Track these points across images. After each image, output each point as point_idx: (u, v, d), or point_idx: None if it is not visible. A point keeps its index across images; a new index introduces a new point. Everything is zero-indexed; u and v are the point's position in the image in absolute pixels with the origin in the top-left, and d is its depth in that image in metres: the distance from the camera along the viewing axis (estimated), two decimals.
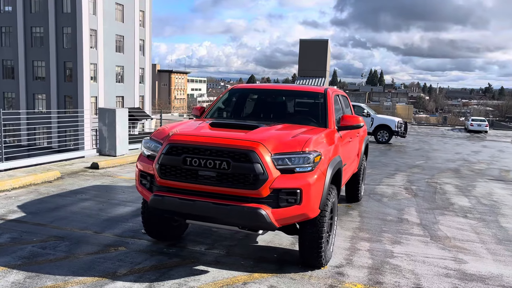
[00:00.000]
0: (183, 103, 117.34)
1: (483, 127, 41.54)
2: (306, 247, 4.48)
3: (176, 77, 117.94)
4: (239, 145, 4.09)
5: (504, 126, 62.88)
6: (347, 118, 5.50)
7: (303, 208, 4.11)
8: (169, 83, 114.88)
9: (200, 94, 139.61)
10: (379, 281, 4.42)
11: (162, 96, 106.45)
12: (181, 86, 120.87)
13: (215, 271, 4.47)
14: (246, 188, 4.03)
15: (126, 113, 11.66)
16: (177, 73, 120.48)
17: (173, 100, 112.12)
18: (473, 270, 4.86)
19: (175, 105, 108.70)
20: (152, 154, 4.57)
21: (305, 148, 4.23)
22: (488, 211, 7.80)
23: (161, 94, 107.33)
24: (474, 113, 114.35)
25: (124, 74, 45.27)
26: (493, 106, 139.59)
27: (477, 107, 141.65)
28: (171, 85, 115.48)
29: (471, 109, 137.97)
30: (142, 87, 48.32)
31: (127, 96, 45.53)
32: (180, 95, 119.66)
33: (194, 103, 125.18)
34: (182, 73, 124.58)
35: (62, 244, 5.03)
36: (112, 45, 43.16)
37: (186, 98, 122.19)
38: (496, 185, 10.81)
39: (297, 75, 45.87)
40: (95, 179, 8.59)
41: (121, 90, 44.91)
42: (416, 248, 5.53)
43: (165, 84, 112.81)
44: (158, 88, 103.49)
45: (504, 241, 6.02)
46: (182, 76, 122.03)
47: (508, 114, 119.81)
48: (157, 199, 4.29)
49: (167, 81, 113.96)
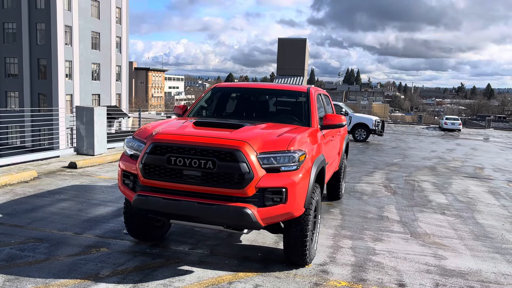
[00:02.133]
0: (161, 101, 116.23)
1: (456, 126, 42.53)
2: (290, 246, 4.49)
3: (153, 75, 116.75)
4: (225, 144, 4.07)
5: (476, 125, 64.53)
6: (330, 117, 5.54)
7: (289, 207, 4.13)
8: (146, 81, 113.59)
9: (178, 92, 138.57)
10: (362, 278, 4.47)
11: (139, 94, 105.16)
12: (159, 84, 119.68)
13: (200, 271, 4.45)
14: (231, 188, 4.02)
15: (105, 112, 11.46)
16: (154, 71, 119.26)
17: (150, 98, 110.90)
18: (452, 266, 4.97)
19: (152, 103, 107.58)
20: (135, 154, 4.51)
21: (290, 147, 4.24)
22: (464, 208, 7.99)
23: (138, 92, 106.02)
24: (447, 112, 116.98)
25: (100, 72, 44.54)
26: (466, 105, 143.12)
27: (450, 106, 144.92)
28: (148, 83, 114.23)
29: (444, 108, 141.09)
30: (119, 85, 47.63)
31: (104, 94, 44.81)
32: (158, 93, 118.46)
33: (172, 101, 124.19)
34: (160, 71, 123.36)
35: (41, 246, 4.91)
36: (88, 42, 42.40)
37: (163, 96, 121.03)
38: (471, 182, 11.08)
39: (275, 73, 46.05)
40: (73, 179, 8.42)
41: (97, 88, 44.18)
42: (397, 245, 5.62)
43: (142, 82, 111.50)
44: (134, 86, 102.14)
45: (481, 237, 6.18)
46: (159, 74, 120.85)
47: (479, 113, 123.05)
48: (141, 199, 4.24)
49: (144, 79, 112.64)
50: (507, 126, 67.63)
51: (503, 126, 68.06)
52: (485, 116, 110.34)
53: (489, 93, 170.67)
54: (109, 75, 45.73)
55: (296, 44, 41.45)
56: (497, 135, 40.81)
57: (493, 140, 35.27)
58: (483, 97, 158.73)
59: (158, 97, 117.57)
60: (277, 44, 42.08)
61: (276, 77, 42.63)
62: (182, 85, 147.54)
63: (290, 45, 41.21)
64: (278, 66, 42.58)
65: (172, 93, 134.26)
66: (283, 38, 43.31)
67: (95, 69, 44.02)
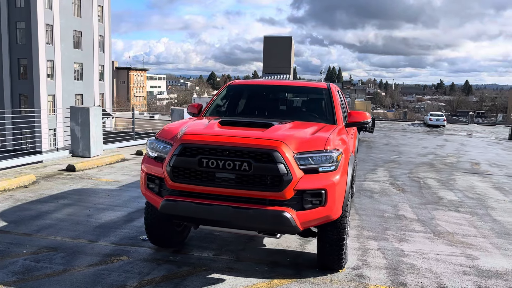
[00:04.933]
0: (143, 101, 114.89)
1: (441, 122, 43.02)
2: (326, 250, 4.28)
3: (134, 74, 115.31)
4: (261, 144, 3.83)
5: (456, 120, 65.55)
6: (355, 114, 5.35)
7: (328, 210, 3.92)
8: (127, 80, 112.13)
9: (160, 92, 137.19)
10: (401, 282, 4.29)
11: (121, 94, 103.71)
12: (140, 84, 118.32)
13: (231, 279, 4.20)
14: (268, 190, 3.78)
15: (100, 112, 11.07)
16: (136, 70, 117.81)
17: (132, 98, 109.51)
18: (487, 266, 4.83)
19: (134, 103, 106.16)
20: (159, 156, 4.23)
21: (327, 147, 4.03)
22: (477, 204, 7.91)
23: (119, 92, 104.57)
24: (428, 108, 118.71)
25: (83, 72, 43.59)
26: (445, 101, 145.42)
27: (431, 102, 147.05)
28: (130, 83, 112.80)
29: (425, 104, 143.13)
30: (102, 84, 46.73)
31: (87, 94, 43.89)
32: (140, 92, 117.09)
33: (154, 101, 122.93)
34: (141, 70, 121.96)
35: (56, 255, 4.59)
36: (69, 41, 41.42)
37: (145, 96, 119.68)
38: (473, 178, 11.06)
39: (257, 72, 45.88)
40: (74, 183, 8.05)
41: (80, 88, 43.24)
42: (424, 245, 5.47)
43: (124, 81, 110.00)
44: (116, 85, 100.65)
45: (503, 235, 6.08)
46: (141, 73, 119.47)
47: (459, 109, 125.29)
48: (170, 204, 3.97)
49: (125, 79, 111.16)
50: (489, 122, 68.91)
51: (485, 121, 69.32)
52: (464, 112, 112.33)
53: (467, 90, 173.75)
54: (92, 74, 44.80)
55: (282, 42, 41.32)
56: (481, 130, 41.43)
57: (477, 135, 35.75)
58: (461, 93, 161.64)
59: (140, 96, 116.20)
60: (263, 42, 41.91)
61: (263, 75, 42.45)
62: (164, 84, 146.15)
63: (276, 43, 41.04)
64: (264, 64, 42.39)
65: (154, 93, 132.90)
66: (268, 36, 43.14)
67: (77, 69, 43.06)
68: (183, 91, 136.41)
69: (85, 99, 43.43)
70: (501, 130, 43.19)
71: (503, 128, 46.99)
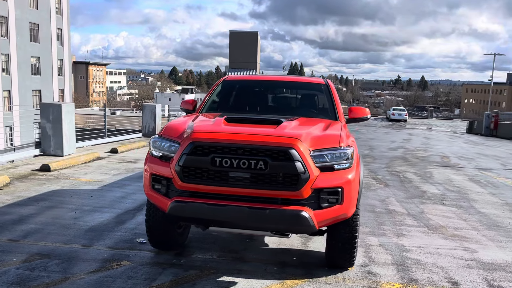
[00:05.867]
0: (103, 97, 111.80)
1: (403, 116, 44.24)
2: (338, 249, 4.21)
3: (94, 69, 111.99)
4: (277, 142, 3.70)
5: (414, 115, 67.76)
6: (355, 110, 5.31)
7: (344, 208, 3.84)
8: (86, 75, 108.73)
9: (120, 87, 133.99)
10: (412, 278, 4.29)
11: (80, 89, 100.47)
12: (100, 79, 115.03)
13: (243, 281, 4.06)
14: (285, 189, 3.66)
15: (73, 108, 10.58)
16: (95, 65, 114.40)
17: (92, 93, 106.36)
18: (488, 259, 4.92)
19: (94, 98, 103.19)
20: (165, 155, 4.02)
21: (340, 144, 3.95)
22: (459, 197, 8.10)
23: (78, 87, 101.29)
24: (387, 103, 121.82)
25: (40, 66, 41.75)
26: (403, 97, 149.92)
27: (389, 97, 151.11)
28: (89, 78, 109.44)
29: (384, 99, 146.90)
30: (61, 79, 44.97)
31: (45, 89, 42.09)
32: (99, 88, 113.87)
33: (114, 96, 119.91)
34: (100, 65, 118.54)
35: (51, 263, 4.29)
36: (26, 34, 39.52)
37: (105, 91, 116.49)
38: (447, 171, 11.37)
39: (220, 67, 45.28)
40: (51, 183, 7.63)
41: (38, 83, 41.41)
42: (422, 240, 5.51)
43: (82, 76, 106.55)
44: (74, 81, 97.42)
45: (493, 227, 6.24)
46: (100, 68, 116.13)
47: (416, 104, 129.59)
48: (180, 206, 3.78)
49: (84, 74, 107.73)
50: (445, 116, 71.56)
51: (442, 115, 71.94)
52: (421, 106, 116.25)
53: (423, 85, 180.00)
54: (50, 69, 43.00)
55: (248, 37, 41.24)
56: (440, 124, 42.98)
57: (437, 129, 37.02)
58: (418, 88, 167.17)
59: (100, 92, 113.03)
60: (229, 37, 41.69)
61: (229, 71, 42.22)
62: (124, 79, 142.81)
63: (241, 38, 40.92)
64: (230, 59, 42.24)
65: (114, 88, 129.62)
66: (234, 31, 42.95)
67: (34, 63, 41.21)
68: (144, 86, 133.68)
69: (44, 95, 41.65)
70: (458, 124, 44.97)
71: (460, 122, 48.99)
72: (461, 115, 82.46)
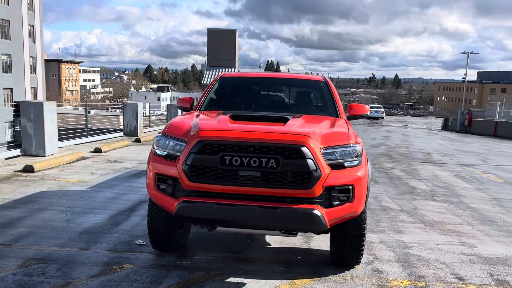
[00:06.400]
0: (76, 95, 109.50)
1: (380, 114, 44.85)
2: (345, 247, 4.17)
3: (66, 67, 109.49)
4: (289, 139, 3.63)
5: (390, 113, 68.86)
6: (355, 107, 5.30)
7: (355, 206, 3.81)
8: (58, 73, 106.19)
9: (94, 85, 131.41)
10: (419, 274, 4.29)
11: (52, 88, 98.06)
12: (73, 77, 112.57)
13: (252, 282, 3.98)
14: (297, 188, 3.60)
15: (55, 107, 10.25)
16: (67, 63, 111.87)
17: (64, 92, 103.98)
18: (487, 253, 4.98)
19: (67, 97, 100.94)
20: (170, 154, 3.90)
21: (350, 141, 3.92)
22: (448, 193, 8.21)
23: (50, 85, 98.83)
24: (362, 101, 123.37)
25: (12, 64, 40.53)
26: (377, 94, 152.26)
27: (364, 95, 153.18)
28: (61, 76, 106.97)
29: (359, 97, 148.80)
30: (34, 78, 43.77)
31: (17, 88, 40.88)
32: (72, 86, 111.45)
33: (88, 95, 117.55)
34: (73, 62, 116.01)
35: (49, 268, 4.11)
36: None
37: (79, 89, 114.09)
38: (432, 167, 11.54)
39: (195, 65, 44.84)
40: (37, 185, 7.36)
41: (9, 82, 40.18)
42: (420, 236, 5.55)
43: (54, 75, 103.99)
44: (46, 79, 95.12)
45: (486, 222, 6.33)
46: (73, 66, 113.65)
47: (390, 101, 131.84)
48: (189, 206, 3.67)
49: (56, 72, 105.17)
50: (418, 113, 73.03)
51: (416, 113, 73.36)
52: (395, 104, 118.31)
53: (397, 83, 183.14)
54: (22, 67, 41.78)
55: (226, 35, 40.91)
56: (416, 121, 43.78)
57: (414, 126, 37.67)
58: (392, 86, 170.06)
59: (73, 90, 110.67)
60: (207, 35, 41.26)
61: (207, 69, 41.86)
62: (98, 77, 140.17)
63: (219, 36, 40.57)
64: (208, 57, 41.81)
65: (87, 86, 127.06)
66: (212, 29, 42.53)
67: (5, 61, 39.96)
68: (119, 84, 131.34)
69: (16, 94, 40.45)
70: (433, 121, 45.92)
71: (435, 119, 50.09)
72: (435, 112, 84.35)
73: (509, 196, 8.16)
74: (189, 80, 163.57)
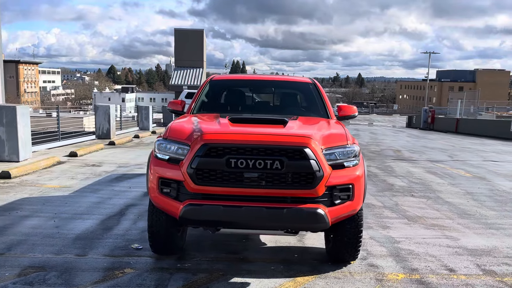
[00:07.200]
0: (36, 97, 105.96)
1: None
2: (343, 244, 4.32)
3: (24, 68, 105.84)
4: (292, 141, 3.74)
5: None
6: (344, 108, 5.47)
7: (355, 204, 3.97)
8: (16, 75, 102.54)
9: (54, 87, 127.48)
10: (412, 268, 4.50)
11: (9, 89, 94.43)
12: (32, 78, 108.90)
13: (256, 281, 4.06)
14: (301, 188, 3.72)
15: (28, 111, 9.96)
16: (26, 64, 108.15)
17: (23, 94, 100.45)
18: (471, 245, 5.25)
19: (26, 99, 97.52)
20: (173, 157, 3.92)
21: (348, 141, 4.07)
22: (424, 189, 8.56)
23: (8, 87, 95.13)
24: None
25: None
26: (342, 93, 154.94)
27: (329, 94, 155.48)
28: (19, 77, 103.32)
29: None
30: None
31: None
32: (31, 88, 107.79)
33: (49, 97, 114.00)
34: (32, 63, 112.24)
35: (49, 275, 4.05)
36: None
37: (38, 91, 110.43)
38: (404, 164, 11.96)
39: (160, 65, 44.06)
40: (17, 191, 7.16)
41: None
42: (406, 230, 5.78)
43: (12, 76, 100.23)
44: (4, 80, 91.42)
45: (464, 215, 6.66)
46: (31, 67, 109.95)
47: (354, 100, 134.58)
48: (195, 209, 3.71)
49: (13, 73, 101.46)
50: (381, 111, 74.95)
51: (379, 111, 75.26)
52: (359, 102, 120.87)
53: (360, 82, 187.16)
54: None
55: (193, 35, 40.67)
56: (381, 120, 45.04)
57: (379, 124, 38.72)
58: (355, 85, 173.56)
59: (32, 92, 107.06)
60: (174, 35, 40.89)
61: (175, 69, 41.47)
62: (58, 78, 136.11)
63: (187, 36, 40.29)
64: (176, 57, 41.46)
65: (48, 88, 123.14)
66: (179, 29, 42.19)
67: None
68: (81, 86, 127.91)
69: None
70: (397, 119, 47.42)
71: (399, 117, 51.64)
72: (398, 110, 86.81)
73: (480, 190, 8.59)
74: (154, 80, 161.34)
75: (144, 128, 21.24)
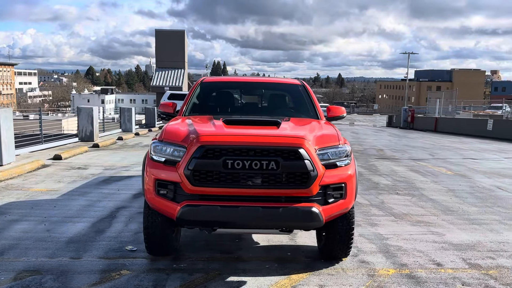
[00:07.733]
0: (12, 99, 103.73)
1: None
2: (336, 241, 4.44)
3: None
4: (287, 142, 3.84)
5: None
6: (333, 109, 5.60)
7: (347, 202, 4.09)
8: None
9: (31, 88, 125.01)
10: (401, 263, 4.65)
11: None
12: (7, 80, 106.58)
13: (252, 279, 4.15)
14: (296, 188, 3.82)
15: (11, 114, 9.82)
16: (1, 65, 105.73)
17: None
18: (456, 240, 5.44)
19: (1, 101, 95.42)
20: (169, 159, 3.98)
21: (339, 142, 4.19)
22: (408, 187, 8.78)
23: None
24: None
25: None
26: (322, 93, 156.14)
27: None
28: None
29: None
30: None
31: None
32: (7, 90, 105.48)
33: (25, 98, 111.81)
34: (7, 64, 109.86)
35: (45, 279, 4.05)
36: None
37: (14, 93, 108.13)
38: (388, 163, 12.21)
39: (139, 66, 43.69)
40: (3, 195, 7.08)
41: None
42: (394, 227, 5.95)
43: None
44: None
45: (447, 212, 6.87)
46: (7, 68, 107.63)
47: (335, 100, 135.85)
48: (193, 210, 3.78)
49: None
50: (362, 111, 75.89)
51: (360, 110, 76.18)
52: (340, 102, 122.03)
53: (340, 82, 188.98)
54: None
55: (174, 36, 40.56)
56: (362, 119, 45.61)
57: (360, 124, 39.21)
58: (336, 85, 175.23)
59: (8, 94, 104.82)
60: (155, 36, 40.68)
61: (156, 70, 41.24)
62: (35, 80, 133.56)
63: (168, 37, 40.14)
64: (157, 58, 41.25)
65: (24, 90, 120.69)
66: (160, 30, 42.03)
67: None
68: (58, 87, 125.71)
69: None
70: (378, 118, 48.11)
71: (379, 116, 52.40)
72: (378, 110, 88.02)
73: (462, 187, 8.85)
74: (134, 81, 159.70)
75: (127, 130, 21.09)
